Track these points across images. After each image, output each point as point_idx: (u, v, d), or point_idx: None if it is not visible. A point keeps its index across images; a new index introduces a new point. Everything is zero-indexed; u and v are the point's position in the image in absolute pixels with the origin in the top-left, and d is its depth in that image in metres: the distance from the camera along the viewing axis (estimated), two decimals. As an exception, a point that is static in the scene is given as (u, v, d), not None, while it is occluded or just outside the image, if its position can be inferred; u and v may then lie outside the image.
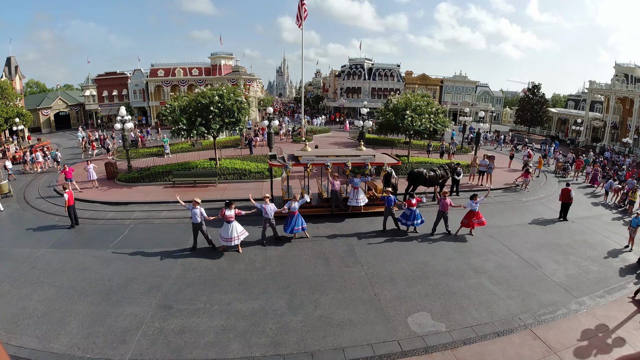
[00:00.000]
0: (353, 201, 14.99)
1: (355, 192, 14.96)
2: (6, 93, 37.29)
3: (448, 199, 13.46)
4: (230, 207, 11.60)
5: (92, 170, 19.75)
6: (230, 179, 20.73)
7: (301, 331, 8.15)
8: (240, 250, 11.92)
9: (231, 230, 11.55)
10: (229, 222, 11.55)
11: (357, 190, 14.98)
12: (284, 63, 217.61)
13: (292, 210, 12.43)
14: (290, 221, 12.51)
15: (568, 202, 15.89)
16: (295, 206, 12.40)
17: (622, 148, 37.21)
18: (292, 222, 12.47)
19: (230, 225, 11.57)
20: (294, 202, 12.47)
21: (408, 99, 24.17)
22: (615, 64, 40.68)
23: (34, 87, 75.58)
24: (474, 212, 13.25)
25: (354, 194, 14.99)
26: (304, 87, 60.78)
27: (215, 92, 21.22)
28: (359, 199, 14.90)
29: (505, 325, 8.48)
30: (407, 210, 13.61)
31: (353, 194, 15.00)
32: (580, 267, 11.55)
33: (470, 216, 13.33)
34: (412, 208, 13.44)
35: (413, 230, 13.87)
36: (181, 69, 53.46)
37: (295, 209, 12.43)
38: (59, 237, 13.42)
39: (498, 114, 70.66)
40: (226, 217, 11.52)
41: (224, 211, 11.59)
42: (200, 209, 11.67)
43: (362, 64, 64.55)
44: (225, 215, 11.51)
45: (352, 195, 15.02)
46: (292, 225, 12.47)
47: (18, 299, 9.37)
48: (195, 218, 11.64)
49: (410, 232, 13.87)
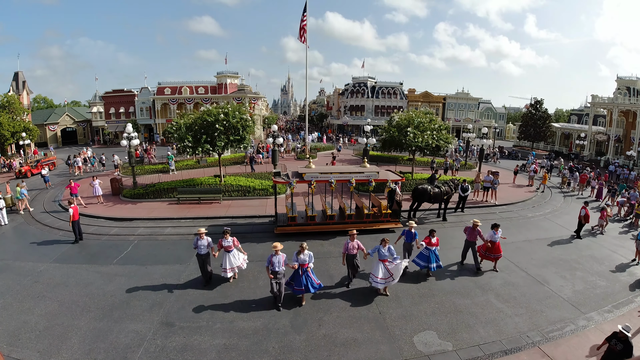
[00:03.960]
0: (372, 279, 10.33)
1: (378, 267, 10.17)
2: (13, 107, 38.00)
3: (479, 227, 11.86)
4: (226, 235, 10.70)
5: (97, 185, 19.92)
6: (235, 196, 20.79)
7: (305, 350, 8.02)
8: (235, 277, 11.11)
9: (231, 259, 10.76)
10: (228, 252, 10.77)
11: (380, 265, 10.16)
12: (288, 82, 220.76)
13: (301, 263, 9.70)
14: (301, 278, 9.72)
15: (586, 221, 15.58)
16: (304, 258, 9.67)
17: (626, 161, 37.04)
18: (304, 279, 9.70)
19: (228, 254, 10.76)
20: (302, 254, 9.67)
21: (411, 116, 24.38)
22: (617, 77, 41.02)
23: (41, 103, 77.03)
24: (494, 244, 11.81)
25: (376, 268, 10.24)
26: (308, 105, 61.43)
27: (221, 110, 21.55)
28: (378, 277, 10.07)
29: (513, 344, 8.31)
30: (424, 250, 11.49)
31: (375, 268, 10.29)
32: (588, 283, 11.39)
33: (489, 248, 11.90)
34: (430, 248, 11.36)
35: (427, 273, 11.59)
36: (187, 87, 54.38)
37: (305, 262, 9.68)
38: (62, 252, 13.44)
39: (501, 130, 70.89)
40: (225, 248, 10.74)
41: (221, 242, 10.71)
42: (208, 240, 10.70)
43: (365, 82, 65.49)
44: (224, 246, 10.69)
45: (374, 269, 10.32)
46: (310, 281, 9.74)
47: (20, 312, 9.35)
48: (201, 249, 10.62)
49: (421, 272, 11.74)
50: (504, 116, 73.67)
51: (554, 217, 18.70)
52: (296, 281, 9.72)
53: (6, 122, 35.46)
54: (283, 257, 9.49)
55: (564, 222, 17.58)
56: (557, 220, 17.97)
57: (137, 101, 55.77)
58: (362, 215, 15.69)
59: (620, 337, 6.92)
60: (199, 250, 10.61)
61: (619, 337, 6.94)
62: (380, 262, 10.12)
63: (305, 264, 9.65)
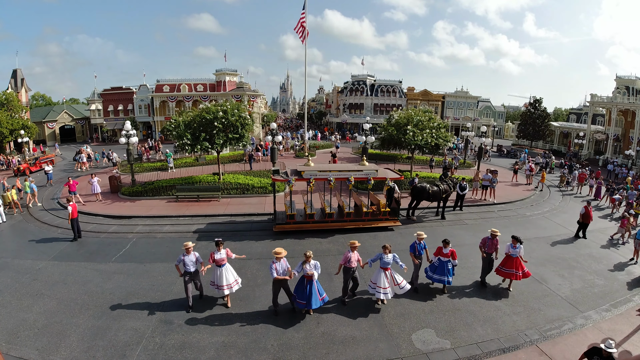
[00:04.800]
0: (373, 288, 9.59)
1: (378, 276, 9.50)
2: (11, 105, 37.88)
3: (497, 238, 10.66)
4: (219, 247, 9.42)
5: (96, 183, 19.88)
6: (234, 194, 20.77)
7: (303, 348, 8.03)
8: (229, 305, 9.60)
9: (223, 275, 9.36)
10: (220, 266, 9.37)
11: (383, 274, 9.44)
12: (287, 80, 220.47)
13: (306, 274, 8.85)
14: (305, 290, 8.91)
15: (588, 221, 15.47)
16: (309, 269, 8.86)
17: (624, 160, 37.13)
18: (308, 291, 8.86)
19: (221, 269, 9.37)
20: (308, 264, 8.89)
21: (410, 115, 24.39)
22: (616, 76, 41.03)
23: (39, 100, 76.88)
24: (513, 259, 10.43)
25: (378, 277, 9.52)
26: (307, 103, 61.37)
27: (220, 108, 21.52)
28: (380, 286, 9.39)
29: (510, 342, 8.34)
30: (436, 262, 10.41)
31: (376, 278, 9.55)
32: (586, 281, 11.43)
33: (510, 264, 10.45)
34: (443, 259, 10.27)
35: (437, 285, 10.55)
36: (186, 84, 54.24)
37: (307, 272, 8.83)
38: (61, 250, 13.43)
39: (500, 128, 70.92)
40: (217, 262, 9.38)
41: (213, 255, 9.39)
42: (195, 255, 9.33)
43: (364, 80, 65.36)
44: (216, 259, 9.36)
45: (375, 279, 9.58)
46: (313, 296, 8.83)
47: (19, 310, 9.35)
48: (188, 267, 9.18)
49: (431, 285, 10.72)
50: (503, 115, 73.71)
51: (552, 215, 18.74)
52: (299, 293, 8.96)
53: (4, 120, 35.35)
54: (285, 262, 8.91)
55: (562, 221, 17.63)
56: (556, 219, 18.01)
57: (135, 99, 55.62)
58: (361, 214, 15.71)
59: (603, 355, 6.03)
60: (187, 267, 9.14)
61: (602, 355, 6.04)
62: (382, 270, 9.37)
63: (311, 275, 8.74)
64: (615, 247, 14.61)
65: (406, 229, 15.80)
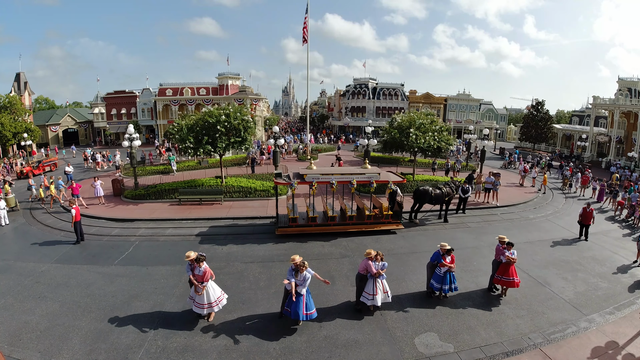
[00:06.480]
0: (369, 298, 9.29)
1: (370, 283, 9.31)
2: (15, 108, 38.14)
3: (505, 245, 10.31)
4: (200, 263, 8.66)
5: (99, 186, 19.96)
6: (236, 197, 20.79)
7: (306, 352, 8.00)
8: (211, 319, 9.03)
9: (206, 293, 8.76)
10: (201, 283, 8.73)
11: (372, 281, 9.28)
12: (289, 83, 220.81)
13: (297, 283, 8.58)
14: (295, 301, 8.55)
15: (589, 223, 15.43)
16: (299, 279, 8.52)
17: (627, 162, 36.96)
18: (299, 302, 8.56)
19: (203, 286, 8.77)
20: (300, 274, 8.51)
21: (412, 117, 24.39)
22: (619, 78, 40.87)
23: (43, 104, 77.35)
24: (509, 266, 10.21)
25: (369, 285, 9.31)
26: (309, 107, 61.33)
27: (222, 112, 21.59)
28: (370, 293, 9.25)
29: (514, 345, 8.28)
30: (438, 270, 10.13)
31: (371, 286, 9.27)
32: (589, 284, 11.36)
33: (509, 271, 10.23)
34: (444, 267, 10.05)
35: (440, 296, 10.22)
36: (189, 88, 54.50)
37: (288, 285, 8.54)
38: (64, 253, 13.46)
39: (502, 131, 70.83)
40: (197, 277, 8.71)
41: (193, 271, 8.75)
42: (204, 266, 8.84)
43: (366, 83, 65.49)
44: (196, 274, 8.71)
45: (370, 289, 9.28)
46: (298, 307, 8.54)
47: (21, 312, 9.37)
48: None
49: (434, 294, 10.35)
50: (505, 117, 73.60)
51: (555, 218, 18.66)
52: (288, 300, 8.64)
53: (8, 123, 35.60)
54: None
55: (565, 224, 17.55)
56: (559, 222, 17.94)
57: (138, 102, 55.93)
58: (364, 217, 15.69)
59: None
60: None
61: None
62: (371, 278, 9.20)
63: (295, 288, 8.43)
64: (618, 250, 14.52)
65: (408, 232, 15.78)
